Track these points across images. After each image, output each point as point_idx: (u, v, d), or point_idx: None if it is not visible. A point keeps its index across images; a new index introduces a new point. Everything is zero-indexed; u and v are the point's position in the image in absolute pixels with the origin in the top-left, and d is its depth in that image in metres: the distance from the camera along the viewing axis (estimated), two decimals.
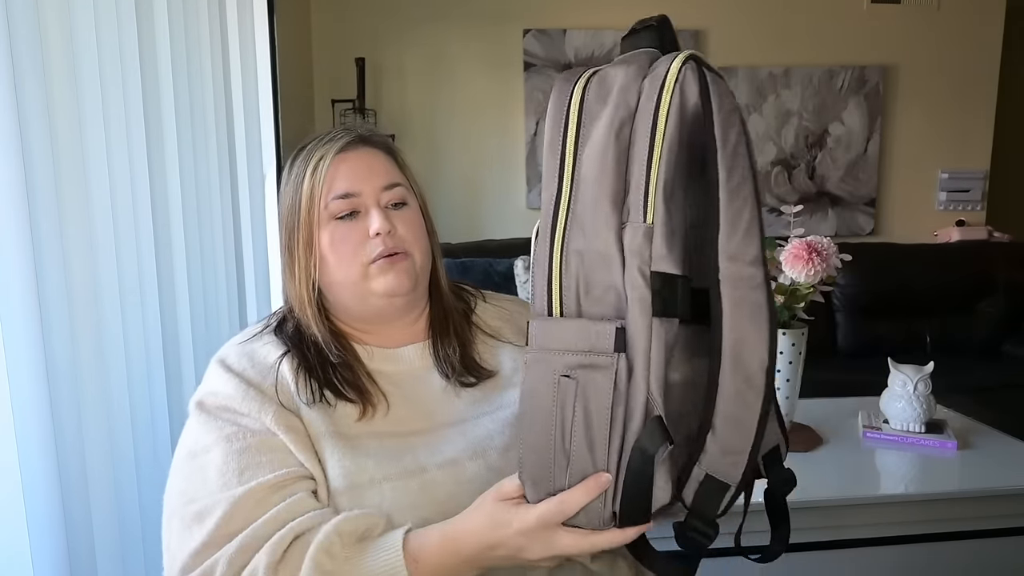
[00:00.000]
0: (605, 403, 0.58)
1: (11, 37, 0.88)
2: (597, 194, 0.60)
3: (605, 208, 0.60)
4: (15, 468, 0.90)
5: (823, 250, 1.40)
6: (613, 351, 0.58)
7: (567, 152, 0.61)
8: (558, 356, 0.60)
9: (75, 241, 1.02)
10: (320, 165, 0.83)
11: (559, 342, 0.60)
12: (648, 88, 0.59)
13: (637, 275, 0.58)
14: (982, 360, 3.18)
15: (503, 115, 3.47)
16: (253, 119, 1.67)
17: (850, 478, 1.36)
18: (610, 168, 0.59)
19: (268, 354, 0.84)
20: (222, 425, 0.78)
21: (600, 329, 0.58)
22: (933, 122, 3.64)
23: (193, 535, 0.72)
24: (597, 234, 0.60)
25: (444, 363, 0.87)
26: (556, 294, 0.61)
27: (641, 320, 0.58)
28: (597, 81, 0.62)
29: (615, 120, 0.60)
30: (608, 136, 0.60)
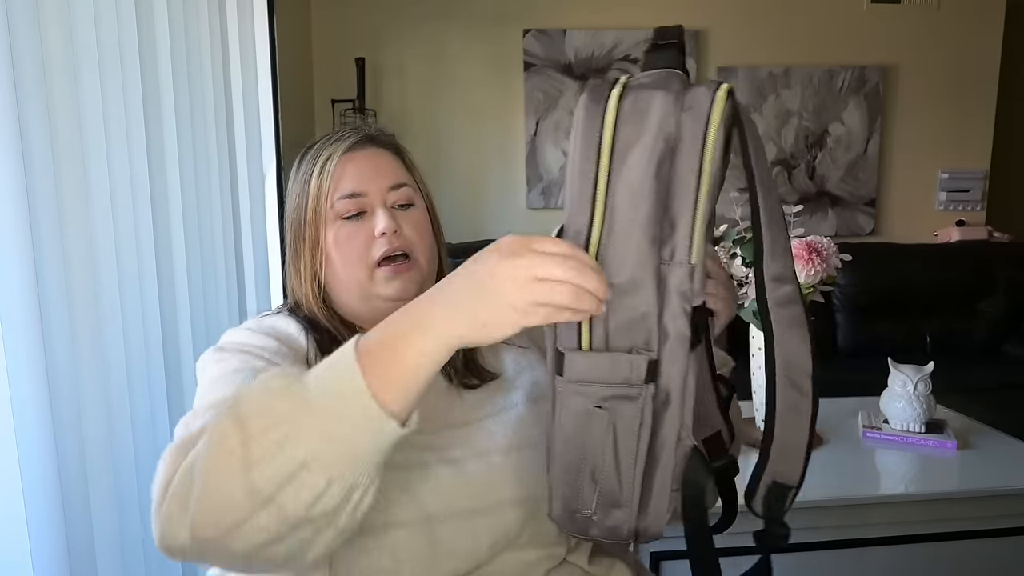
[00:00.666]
0: (632, 430, 0.60)
1: (11, 37, 0.88)
2: (633, 228, 0.59)
3: (643, 244, 0.59)
4: (15, 468, 0.90)
5: (823, 250, 1.40)
6: (644, 382, 0.59)
7: (599, 181, 0.59)
8: (593, 388, 0.60)
9: (75, 241, 1.02)
10: (327, 164, 0.84)
11: (594, 375, 0.60)
12: (691, 125, 0.58)
13: (681, 314, 0.59)
14: (982, 360, 3.18)
15: (503, 115, 3.47)
16: (253, 119, 1.67)
17: (850, 478, 1.37)
18: (648, 203, 0.58)
19: (288, 325, 0.84)
20: (248, 359, 0.76)
21: (634, 362, 0.59)
22: (933, 122, 3.64)
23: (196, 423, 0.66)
24: (632, 269, 0.59)
25: (448, 365, 0.87)
26: (586, 326, 0.60)
27: (681, 356, 0.60)
28: (631, 104, 0.60)
29: (654, 153, 0.58)
30: (647, 170, 0.58)
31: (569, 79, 3.44)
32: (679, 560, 1.28)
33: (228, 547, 0.55)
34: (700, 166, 0.58)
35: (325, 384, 0.55)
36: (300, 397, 0.55)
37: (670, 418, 0.61)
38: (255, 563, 0.57)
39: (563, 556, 0.81)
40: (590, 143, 0.60)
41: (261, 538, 0.54)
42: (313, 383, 0.56)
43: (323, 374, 0.56)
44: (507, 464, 0.79)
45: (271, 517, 0.53)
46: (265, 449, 0.53)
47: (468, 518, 0.75)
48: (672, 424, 0.61)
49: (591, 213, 0.60)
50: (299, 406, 0.54)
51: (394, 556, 0.72)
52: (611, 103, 0.60)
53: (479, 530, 0.75)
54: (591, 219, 0.60)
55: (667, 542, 1.28)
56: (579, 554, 0.82)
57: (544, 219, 3.45)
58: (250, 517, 0.53)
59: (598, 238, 0.59)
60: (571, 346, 0.61)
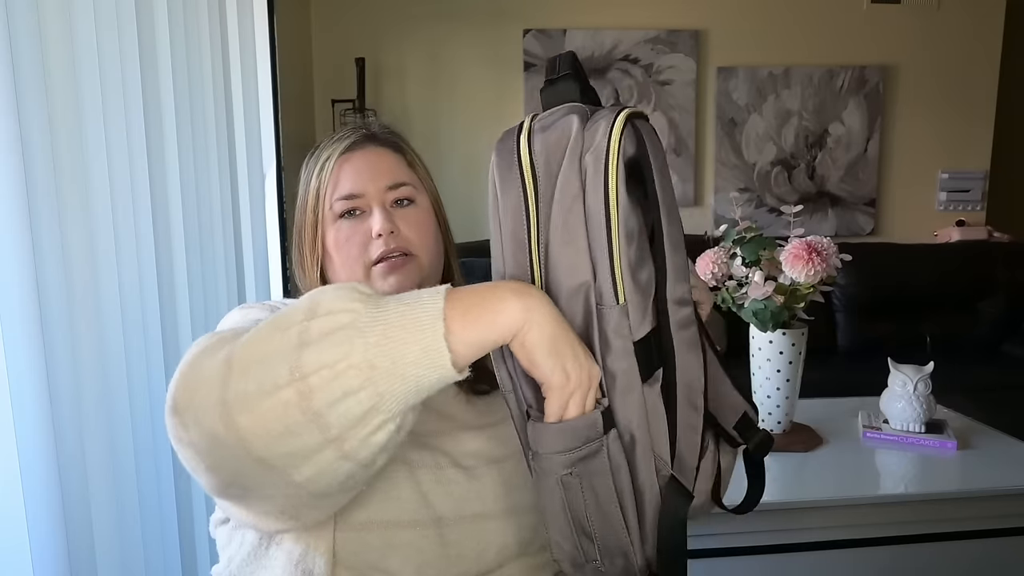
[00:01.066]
0: (607, 482, 0.60)
1: (11, 37, 0.88)
2: (567, 277, 0.59)
3: (577, 292, 0.59)
4: (15, 468, 0.90)
5: (823, 250, 1.40)
6: (603, 433, 0.59)
7: (532, 245, 0.60)
8: (559, 457, 0.60)
9: (75, 241, 1.02)
10: (326, 165, 0.84)
11: (555, 445, 0.59)
12: (593, 164, 0.58)
13: (623, 354, 0.59)
14: (982, 360, 3.18)
15: (503, 115, 3.47)
16: (253, 119, 1.67)
17: (850, 478, 1.37)
18: (572, 250, 0.59)
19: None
20: (273, 306, 0.78)
21: (588, 422, 0.58)
22: (933, 122, 3.64)
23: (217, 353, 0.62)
24: (572, 319, 0.59)
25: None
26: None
27: (634, 394, 0.60)
28: (540, 157, 0.60)
29: (563, 205, 0.59)
30: (561, 220, 0.59)
31: None
32: None
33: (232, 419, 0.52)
34: (606, 205, 0.57)
35: (404, 300, 0.54)
36: (374, 302, 0.54)
37: (642, 456, 0.61)
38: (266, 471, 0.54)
39: None
40: (512, 203, 0.61)
41: (271, 416, 0.51)
42: (393, 304, 0.54)
43: (406, 295, 0.55)
44: (518, 470, 0.78)
45: (297, 395, 0.50)
46: (322, 334, 0.51)
47: (479, 523, 0.75)
48: (646, 461, 0.61)
49: (530, 273, 0.61)
50: (372, 308, 0.53)
51: (403, 556, 0.72)
52: (523, 158, 0.61)
53: (489, 535, 0.75)
54: (531, 279, 0.61)
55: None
56: None
57: None
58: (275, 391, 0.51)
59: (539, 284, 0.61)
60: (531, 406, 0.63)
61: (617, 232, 0.57)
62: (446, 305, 0.53)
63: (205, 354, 0.57)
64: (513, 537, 0.76)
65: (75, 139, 1.03)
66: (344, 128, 0.89)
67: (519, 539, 0.77)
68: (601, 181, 0.57)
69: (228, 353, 0.55)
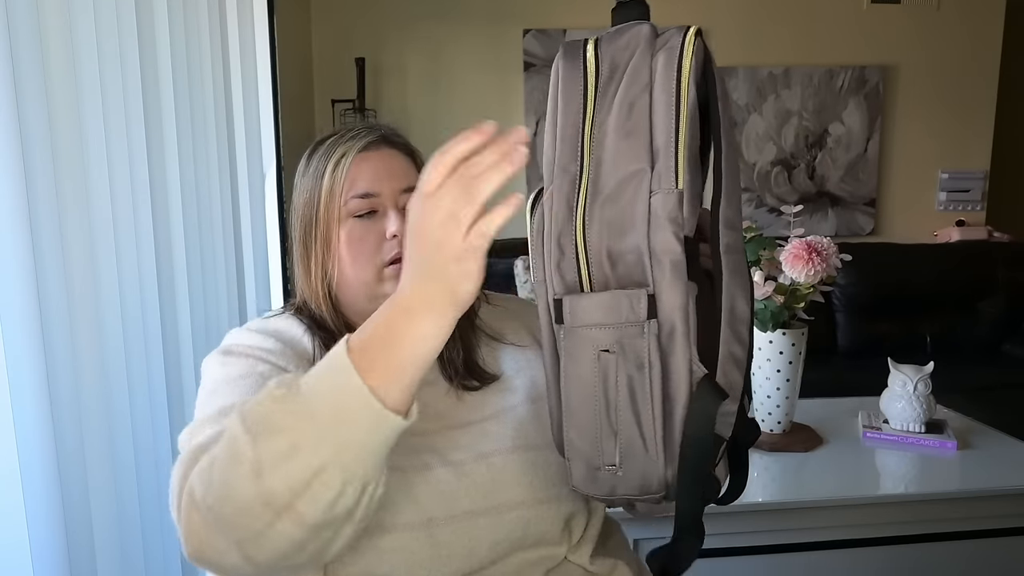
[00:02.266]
0: (643, 370, 0.59)
1: (11, 37, 0.88)
2: (621, 166, 0.60)
3: (630, 178, 0.60)
4: (15, 468, 0.90)
5: (823, 250, 1.40)
6: (647, 318, 0.58)
7: (586, 130, 0.61)
8: (596, 331, 0.60)
9: (75, 241, 1.02)
10: (342, 162, 0.83)
11: (594, 316, 0.60)
12: (665, 60, 0.60)
13: (673, 240, 0.58)
14: (982, 360, 3.18)
15: (503, 115, 3.47)
16: (253, 119, 1.67)
17: (850, 478, 1.37)
18: (632, 140, 0.60)
19: (291, 327, 0.84)
20: (254, 363, 0.76)
21: (633, 298, 0.58)
22: (933, 122, 3.64)
23: (204, 431, 0.67)
24: (624, 204, 0.60)
25: (448, 366, 0.86)
26: (584, 268, 0.61)
27: (677, 284, 0.58)
28: (605, 54, 0.63)
29: (629, 95, 0.60)
30: (625, 110, 0.60)
31: None
32: None
33: (252, 557, 0.56)
34: (678, 96, 0.59)
35: (323, 388, 0.55)
36: (302, 404, 0.55)
37: (678, 350, 0.59)
38: (278, 571, 0.58)
39: (563, 556, 0.81)
40: (572, 93, 0.62)
41: (284, 546, 0.55)
42: (313, 387, 0.56)
43: (321, 377, 0.56)
44: (508, 466, 0.78)
45: (292, 523, 0.54)
46: (276, 459, 0.53)
47: (469, 520, 0.75)
48: (682, 356, 0.59)
49: (580, 157, 0.61)
50: (303, 414, 0.55)
51: (394, 560, 0.72)
52: (588, 54, 0.63)
53: (480, 532, 0.75)
54: (581, 166, 0.61)
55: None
56: (580, 554, 0.82)
57: None
58: (270, 527, 0.54)
59: (586, 183, 0.61)
60: (571, 290, 0.61)
61: (685, 121, 0.58)
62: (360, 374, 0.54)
63: (192, 505, 0.58)
64: (504, 533, 0.76)
65: (75, 139, 1.03)
66: (352, 125, 0.88)
67: (511, 535, 0.77)
68: (674, 74, 0.59)
69: (209, 504, 0.56)
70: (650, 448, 0.60)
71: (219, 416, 0.69)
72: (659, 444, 0.60)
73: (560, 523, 0.80)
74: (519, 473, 0.78)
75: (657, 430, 0.60)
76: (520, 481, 0.78)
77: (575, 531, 0.82)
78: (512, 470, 0.78)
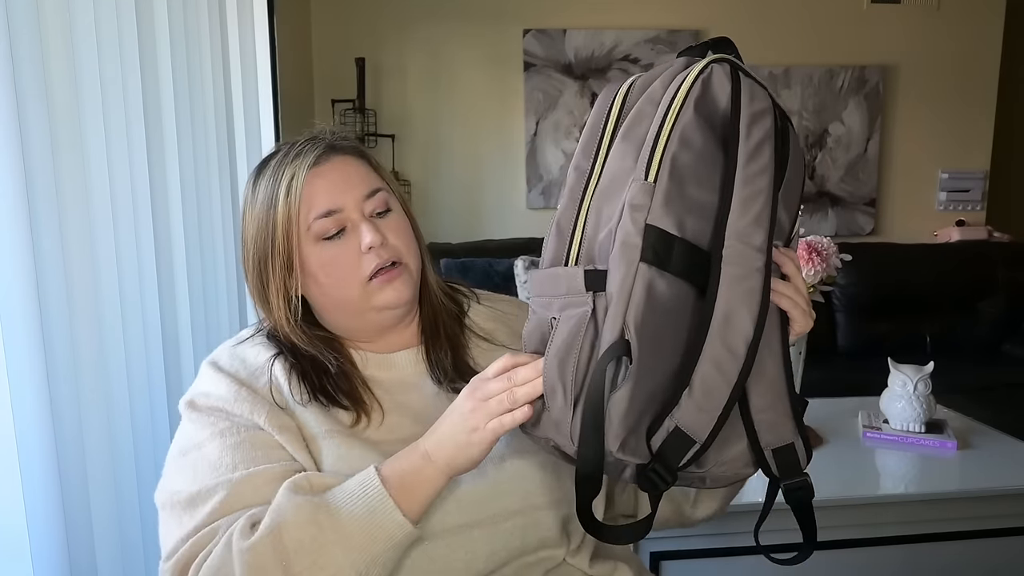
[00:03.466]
0: (577, 333, 0.63)
1: (11, 37, 0.88)
2: (616, 167, 0.66)
3: (620, 178, 0.65)
4: (15, 468, 0.90)
5: (823, 250, 1.40)
6: (585, 291, 0.64)
7: (605, 137, 0.68)
8: (551, 301, 0.67)
9: (75, 241, 1.02)
10: (293, 184, 0.78)
11: (548, 289, 0.68)
12: (680, 78, 0.66)
13: (629, 222, 0.62)
14: (982, 360, 3.18)
15: (503, 115, 3.47)
16: (253, 119, 1.67)
17: (850, 478, 1.37)
18: (630, 142, 0.66)
19: (259, 355, 0.83)
20: (214, 421, 0.78)
21: (573, 272, 0.65)
22: (933, 122, 3.64)
23: (184, 521, 0.73)
24: (613, 198, 0.65)
25: (437, 368, 0.85)
26: (574, 251, 0.67)
27: (623, 260, 0.61)
28: (642, 78, 0.70)
29: (642, 107, 0.67)
30: (634, 117, 0.67)
31: (569, 79, 3.44)
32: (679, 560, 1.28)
33: None
34: (670, 101, 0.64)
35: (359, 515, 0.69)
36: (339, 532, 0.68)
37: (609, 320, 0.61)
38: None
39: (562, 558, 0.80)
40: (603, 107, 0.70)
41: None
42: (346, 513, 0.69)
43: (356, 508, 0.69)
44: (500, 476, 0.78)
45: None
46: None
47: (464, 533, 0.74)
48: (611, 326, 0.61)
49: (593, 157, 0.68)
50: (340, 539, 0.67)
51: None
52: (628, 80, 0.70)
53: (476, 544, 0.75)
54: (592, 162, 0.68)
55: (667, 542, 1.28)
56: (580, 558, 0.81)
57: (544, 219, 3.45)
58: None
59: (596, 178, 0.68)
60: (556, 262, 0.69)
61: (669, 128, 0.63)
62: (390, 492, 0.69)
63: None
64: (502, 543, 0.76)
65: (75, 139, 1.03)
66: (298, 140, 0.84)
67: (508, 544, 0.76)
68: (676, 86, 0.65)
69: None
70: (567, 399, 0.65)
71: (195, 503, 0.73)
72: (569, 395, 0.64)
73: (558, 527, 0.79)
74: (513, 482, 0.78)
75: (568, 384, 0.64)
76: (515, 490, 0.77)
77: (574, 535, 0.81)
78: (506, 479, 0.77)
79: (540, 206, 3.50)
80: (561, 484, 0.79)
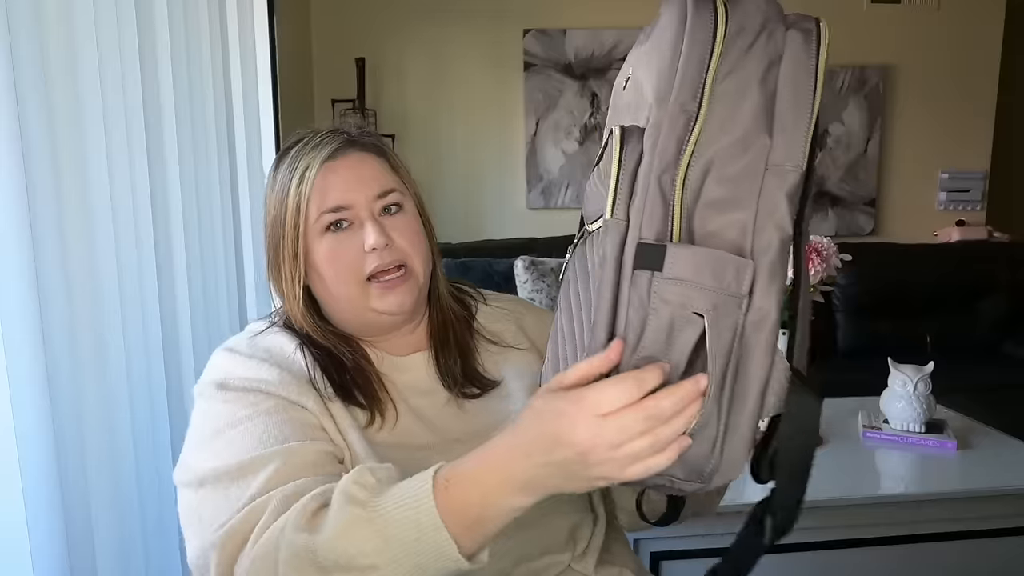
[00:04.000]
0: (724, 349, 0.52)
1: (11, 37, 0.88)
2: (738, 127, 0.54)
3: (747, 144, 0.54)
4: (15, 468, 0.90)
5: (823, 250, 1.40)
6: (747, 293, 0.52)
7: (709, 74, 0.54)
8: (691, 289, 0.52)
9: (75, 241, 1.02)
10: (306, 176, 0.78)
11: (693, 274, 0.52)
12: (803, 38, 0.55)
13: (788, 221, 0.53)
14: (982, 360, 3.18)
15: (503, 115, 3.47)
16: (253, 119, 1.67)
17: (850, 478, 1.37)
18: (753, 106, 0.54)
19: (283, 345, 0.81)
20: (256, 400, 0.74)
21: (741, 267, 0.52)
22: (933, 122, 3.64)
23: (236, 492, 0.67)
24: (735, 167, 0.54)
25: (447, 375, 0.84)
26: (677, 219, 0.54)
27: (780, 265, 0.53)
28: (736, 17, 0.55)
29: (762, 61, 0.55)
30: (754, 74, 0.55)
31: (569, 79, 3.44)
32: (679, 560, 1.28)
33: None
34: (815, 76, 0.54)
35: (408, 539, 0.57)
36: (385, 555, 0.57)
37: (762, 341, 0.52)
38: None
39: (567, 563, 0.79)
40: (700, 34, 0.54)
41: None
42: (395, 536, 0.57)
43: (406, 533, 0.57)
44: None
45: None
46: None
47: None
48: (764, 349, 0.52)
49: (699, 100, 0.54)
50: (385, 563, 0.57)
51: None
52: (718, 4, 0.55)
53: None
54: (699, 105, 0.54)
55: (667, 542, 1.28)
56: (585, 563, 0.80)
57: (544, 219, 3.45)
58: None
59: (697, 135, 0.54)
60: (660, 238, 0.54)
61: (818, 103, 0.54)
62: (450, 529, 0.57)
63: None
64: (509, 555, 0.75)
65: (75, 139, 1.03)
66: (320, 131, 0.83)
67: (513, 552, 0.75)
68: (813, 53, 0.54)
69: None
70: (709, 430, 0.53)
71: (246, 473, 0.68)
72: (721, 429, 0.53)
73: (564, 535, 0.79)
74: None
75: (724, 414, 0.53)
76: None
77: (580, 541, 0.81)
78: None
79: (540, 206, 3.50)
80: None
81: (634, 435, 0.51)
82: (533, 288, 2.91)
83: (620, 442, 0.51)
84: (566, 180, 3.50)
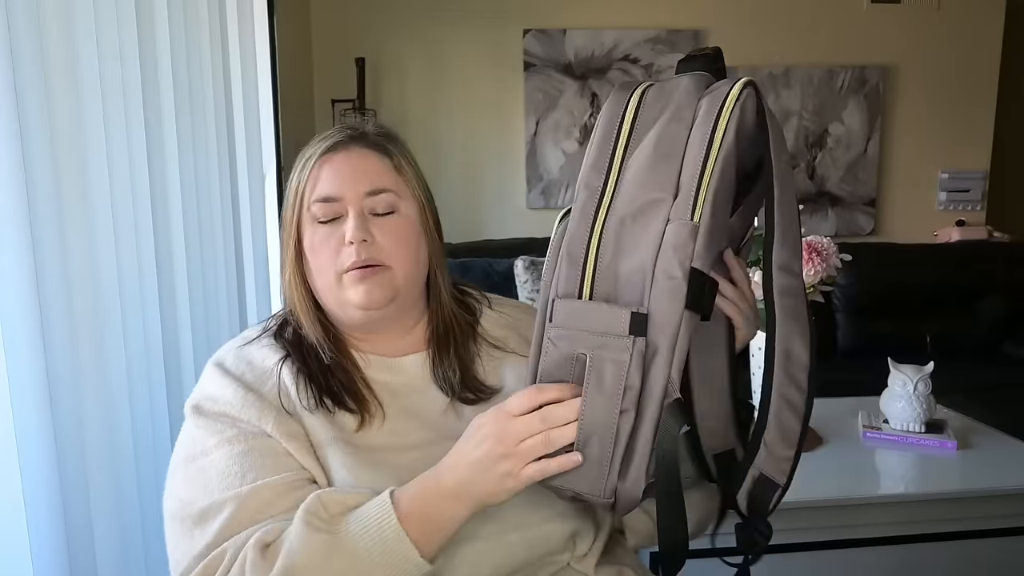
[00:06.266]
0: (618, 382, 0.61)
1: (11, 37, 0.88)
2: (643, 193, 0.63)
3: (652, 205, 0.63)
4: (15, 468, 0.90)
5: (823, 250, 1.40)
6: (627, 334, 0.61)
7: (617, 153, 0.66)
8: (580, 335, 0.63)
9: (75, 241, 1.02)
10: (307, 165, 0.82)
11: (578, 323, 0.63)
12: (708, 103, 0.63)
13: (676, 267, 0.61)
14: (982, 360, 3.18)
15: (503, 115, 3.47)
16: (253, 119, 1.67)
17: (850, 478, 1.37)
18: (661, 170, 0.63)
19: (266, 358, 0.83)
20: (222, 428, 0.77)
21: (614, 314, 0.62)
22: (933, 122, 3.64)
23: (196, 538, 0.72)
24: (639, 227, 0.63)
25: (444, 381, 0.84)
26: (588, 278, 0.64)
27: (672, 307, 0.61)
28: (654, 92, 0.67)
29: (668, 129, 0.64)
30: (661, 141, 0.64)
31: (569, 79, 3.44)
32: None
33: None
34: (712, 134, 0.62)
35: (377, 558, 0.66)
36: (356, 570, 0.66)
37: (657, 372, 0.61)
38: None
39: (567, 562, 0.79)
40: (612, 121, 0.67)
41: None
42: (363, 552, 0.66)
43: (373, 550, 0.66)
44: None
45: None
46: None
47: (468, 546, 0.73)
48: (659, 378, 0.61)
49: (605, 177, 0.65)
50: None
51: None
52: (636, 91, 0.67)
53: (480, 558, 0.74)
54: (604, 183, 0.65)
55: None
56: (586, 562, 0.80)
57: (544, 219, 3.45)
58: None
59: (608, 201, 0.65)
60: (571, 295, 0.65)
61: (714, 161, 0.61)
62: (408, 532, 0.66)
63: None
64: (506, 556, 0.75)
65: (75, 139, 1.03)
66: (342, 126, 0.86)
67: (512, 557, 0.75)
68: (714, 115, 0.62)
69: None
70: (606, 453, 0.63)
71: (206, 518, 0.73)
72: (618, 455, 0.62)
73: (564, 539, 0.78)
74: (519, 495, 0.76)
75: (621, 442, 0.62)
76: (521, 502, 0.74)
77: (580, 544, 0.80)
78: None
79: (540, 206, 3.50)
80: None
81: (533, 431, 0.63)
82: (533, 288, 2.91)
83: (522, 436, 0.63)
84: (566, 180, 3.51)
